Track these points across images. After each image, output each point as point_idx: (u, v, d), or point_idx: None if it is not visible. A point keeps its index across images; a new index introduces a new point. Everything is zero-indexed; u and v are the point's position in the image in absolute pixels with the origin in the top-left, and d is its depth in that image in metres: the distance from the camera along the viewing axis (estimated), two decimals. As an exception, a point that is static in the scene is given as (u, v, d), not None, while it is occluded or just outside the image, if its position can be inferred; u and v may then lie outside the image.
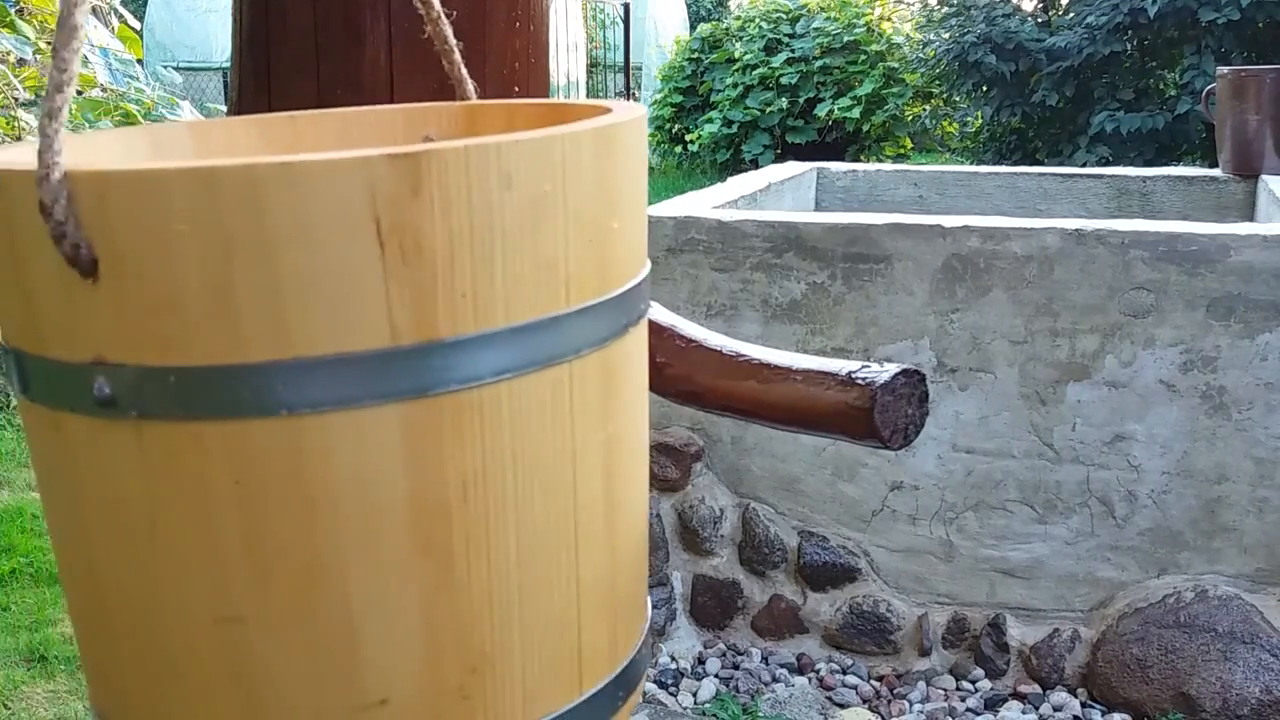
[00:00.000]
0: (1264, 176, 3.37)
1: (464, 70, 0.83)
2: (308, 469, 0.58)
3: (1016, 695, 2.42)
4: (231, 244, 0.55)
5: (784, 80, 10.25)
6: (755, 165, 9.05)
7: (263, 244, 0.55)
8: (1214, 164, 3.94)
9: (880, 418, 0.77)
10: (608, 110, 0.73)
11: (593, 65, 13.97)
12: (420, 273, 0.58)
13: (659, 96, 11.67)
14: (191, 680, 0.62)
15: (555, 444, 0.65)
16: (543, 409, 0.64)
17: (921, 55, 9.17)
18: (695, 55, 11.26)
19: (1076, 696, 2.41)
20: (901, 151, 10.54)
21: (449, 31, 0.81)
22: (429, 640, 0.62)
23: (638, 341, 0.73)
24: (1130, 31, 7.61)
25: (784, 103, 10.22)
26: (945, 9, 8.76)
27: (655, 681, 2.47)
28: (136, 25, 2.65)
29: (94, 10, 2.47)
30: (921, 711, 2.38)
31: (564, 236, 0.63)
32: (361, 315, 0.57)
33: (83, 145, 0.79)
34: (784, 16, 10.75)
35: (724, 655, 2.58)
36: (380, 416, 0.59)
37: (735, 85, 10.52)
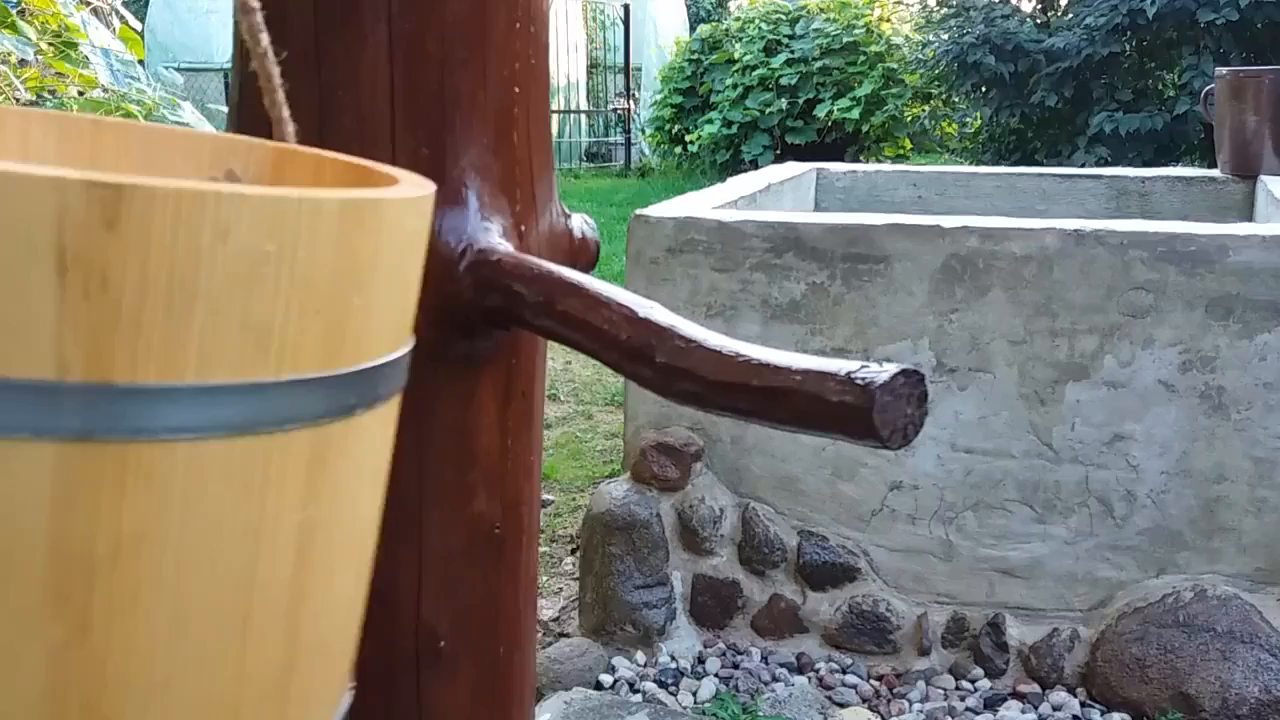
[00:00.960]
0: (1262, 177, 3.37)
1: (285, 112, 0.80)
2: None
3: (1016, 695, 2.42)
4: None
5: (783, 81, 10.26)
6: (755, 166, 9.05)
7: None
8: (1213, 164, 3.95)
9: (879, 418, 0.77)
10: (395, 180, 0.69)
11: (592, 66, 13.98)
12: (102, 310, 0.53)
13: (659, 97, 11.67)
14: None
15: (234, 518, 0.60)
16: (226, 478, 0.59)
17: (921, 56, 9.18)
18: (695, 56, 11.27)
19: (1076, 696, 2.41)
20: (901, 152, 10.55)
21: (274, 71, 0.79)
22: (52, 699, 0.57)
23: (374, 424, 0.67)
24: (1129, 32, 7.62)
25: (783, 103, 10.23)
26: (944, 10, 8.77)
27: (655, 681, 2.48)
28: (138, 26, 2.65)
29: (95, 11, 2.47)
30: (921, 711, 2.38)
31: (283, 302, 0.58)
32: (27, 341, 0.53)
33: None
34: (783, 17, 10.75)
35: (724, 655, 2.58)
36: (30, 453, 0.54)
37: (735, 86, 10.53)
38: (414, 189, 0.67)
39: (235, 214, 0.56)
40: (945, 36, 8.46)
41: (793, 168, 3.87)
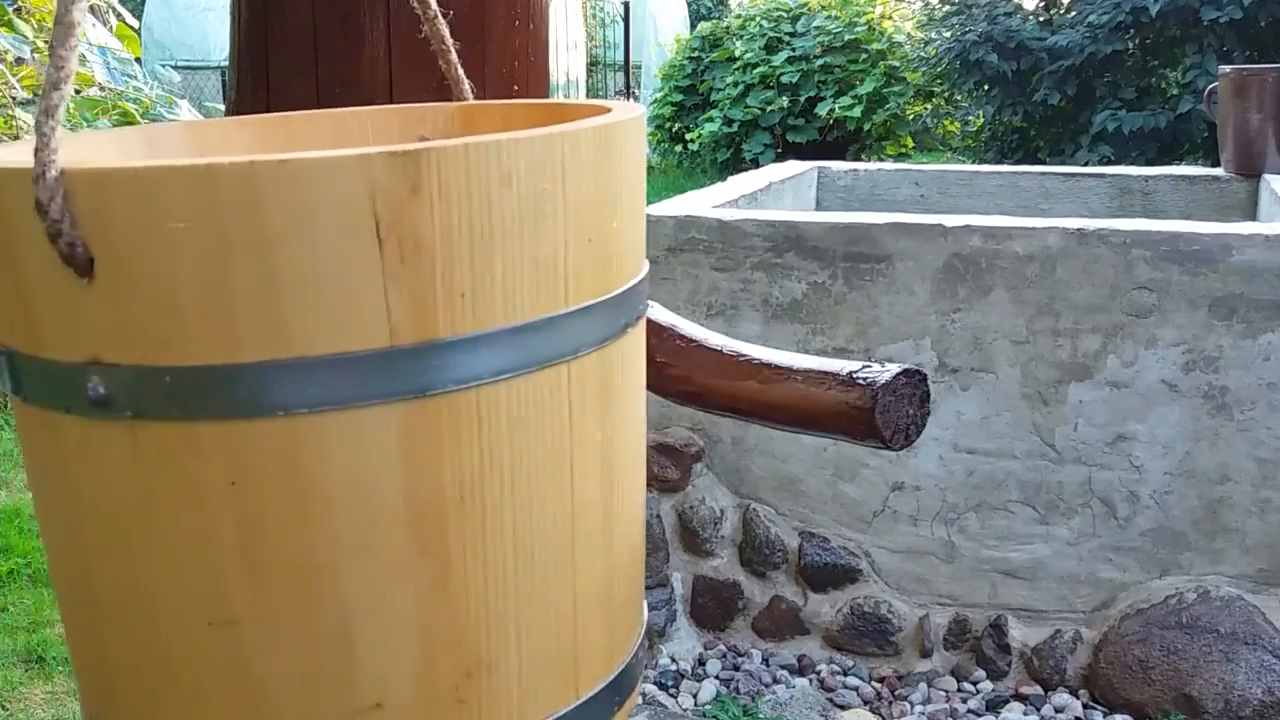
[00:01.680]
0: (1266, 176, 3.36)
1: (460, 70, 0.83)
2: (304, 470, 0.58)
3: (1018, 696, 2.41)
4: (229, 243, 0.54)
5: (785, 79, 10.25)
6: (756, 164, 9.05)
7: (261, 243, 0.55)
8: (1216, 163, 3.94)
9: (881, 418, 0.76)
10: (606, 110, 0.72)
11: (593, 64, 13.97)
12: (419, 272, 0.57)
13: (659, 95, 11.66)
14: (185, 683, 0.61)
15: (553, 446, 0.64)
16: (541, 410, 0.63)
17: (923, 54, 9.17)
18: (695, 54, 11.26)
19: (1078, 698, 2.40)
20: (903, 150, 10.54)
21: (445, 31, 0.81)
22: (424, 644, 0.61)
23: (636, 342, 0.72)
24: (1132, 30, 7.61)
25: (785, 101, 10.22)
26: (947, 7, 8.75)
27: (655, 683, 2.47)
28: (134, 24, 2.64)
29: (92, 9, 2.46)
30: (923, 713, 2.37)
31: (563, 236, 0.62)
32: (360, 315, 0.56)
33: (79, 144, 0.78)
34: (785, 15, 10.74)
35: (724, 656, 2.57)
36: (377, 417, 0.58)
37: (736, 84, 10.52)
38: (630, 111, 0.70)
39: (514, 159, 0.59)
40: (947, 34, 8.44)
41: (794, 166, 3.86)
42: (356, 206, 0.55)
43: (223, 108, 1.23)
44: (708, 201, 2.82)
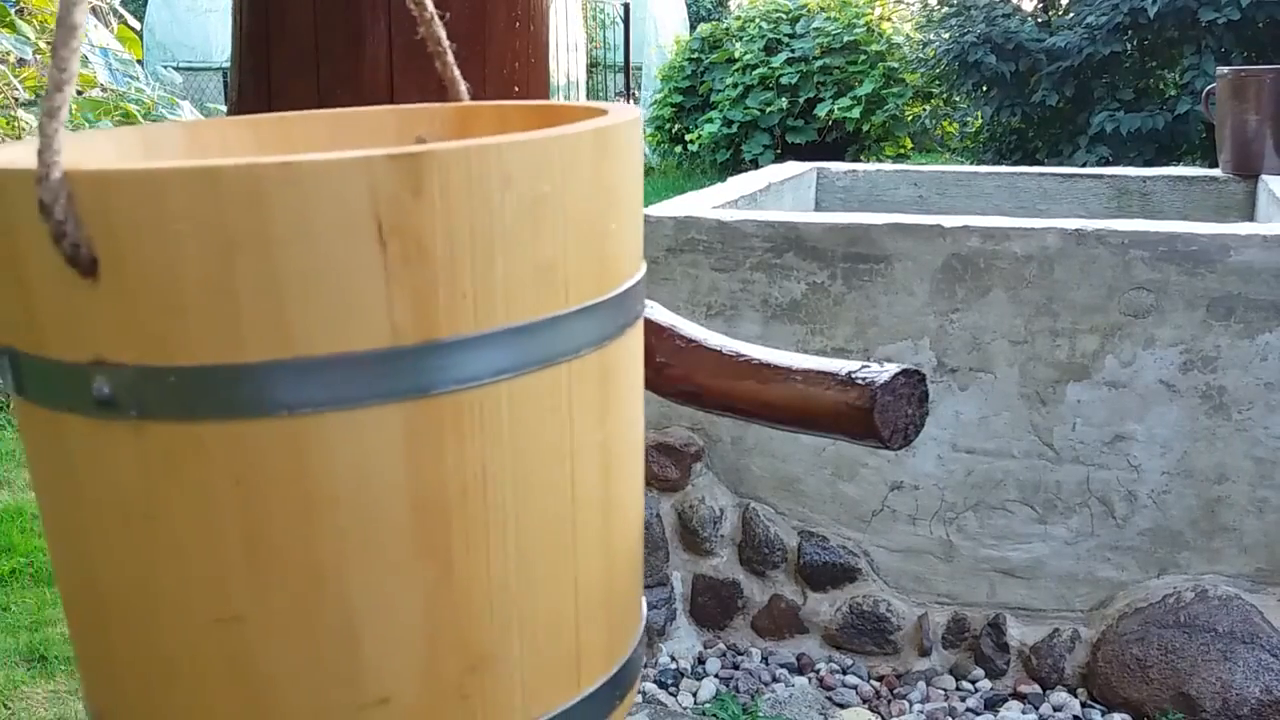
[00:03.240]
0: (1264, 176, 3.37)
1: (456, 72, 0.83)
2: (308, 469, 0.58)
3: (1016, 695, 2.42)
4: (232, 244, 0.55)
5: (784, 80, 10.26)
6: (755, 165, 9.05)
7: (263, 244, 0.55)
8: (1214, 164, 3.94)
9: (880, 418, 0.77)
10: (602, 112, 0.72)
11: (593, 65, 13.97)
12: (421, 273, 0.58)
13: (659, 96, 11.67)
14: (190, 680, 0.62)
15: (554, 444, 0.65)
16: (541, 409, 0.64)
17: (921, 55, 9.18)
18: (695, 55, 11.27)
19: (1076, 696, 2.41)
20: (901, 151, 10.54)
21: (442, 33, 0.81)
22: (428, 640, 0.62)
23: (635, 341, 0.73)
24: (1130, 31, 7.62)
25: (784, 103, 10.22)
26: (945, 9, 8.76)
27: (655, 681, 2.47)
28: (136, 25, 2.64)
29: (94, 10, 2.47)
30: (921, 711, 2.38)
31: (562, 237, 0.63)
32: (363, 315, 0.57)
33: (77, 145, 0.79)
34: (784, 16, 10.75)
35: (724, 655, 2.58)
36: (381, 417, 0.59)
37: (735, 85, 10.53)
38: (627, 113, 0.71)
39: (514, 161, 0.60)
40: (946, 35, 8.45)
41: (793, 167, 3.87)
42: (359, 208, 0.56)
43: (224, 108, 1.24)
44: (707, 202, 2.83)
